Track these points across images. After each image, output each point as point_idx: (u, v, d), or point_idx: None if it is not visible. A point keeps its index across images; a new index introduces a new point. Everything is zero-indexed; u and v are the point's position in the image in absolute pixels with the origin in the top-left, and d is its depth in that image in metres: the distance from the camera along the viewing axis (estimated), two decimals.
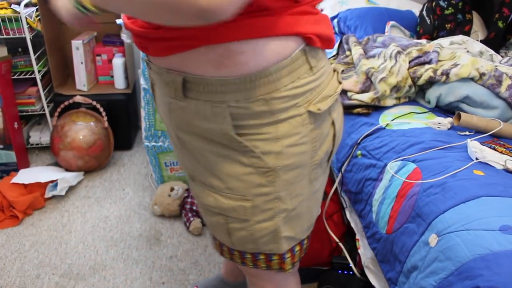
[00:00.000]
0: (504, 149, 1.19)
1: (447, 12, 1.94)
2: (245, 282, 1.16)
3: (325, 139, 0.86)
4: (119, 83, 2.38)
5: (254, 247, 0.89)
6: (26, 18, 2.07)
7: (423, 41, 1.76)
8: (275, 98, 0.75)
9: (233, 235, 0.89)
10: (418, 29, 2.07)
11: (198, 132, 0.79)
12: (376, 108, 1.53)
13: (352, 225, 1.46)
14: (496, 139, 1.28)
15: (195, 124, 0.78)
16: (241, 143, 0.77)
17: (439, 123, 1.35)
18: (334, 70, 0.87)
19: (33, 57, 2.14)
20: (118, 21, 1.96)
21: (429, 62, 1.52)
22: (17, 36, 2.11)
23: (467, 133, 1.32)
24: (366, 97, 1.51)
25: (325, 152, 0.87)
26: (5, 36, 2.11)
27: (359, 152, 1.38)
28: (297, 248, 0.95)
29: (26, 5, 2.13)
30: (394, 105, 1.53)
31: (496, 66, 1.46)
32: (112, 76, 2.42)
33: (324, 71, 0.81)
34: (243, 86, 0.73)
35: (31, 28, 2.14)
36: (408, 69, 1.52)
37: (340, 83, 0.86)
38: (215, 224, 0.89)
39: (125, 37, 2.01)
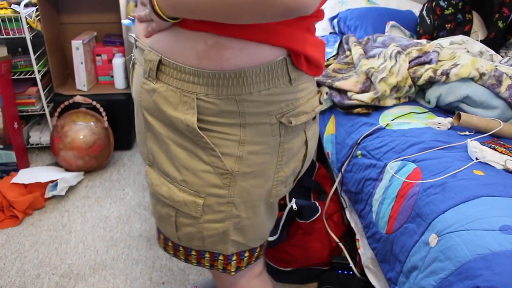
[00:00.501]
0: (504, 149, 1.19)
1: (447, 12, 1.94)
2: None
3: (294, 156, 0.84)
4: (119, 83, 2.38)
5: (201, 244, 0.88)
6: (26, 18, 2.07)
7: (423, 41, 1.76)
8: (246, 100, 0.74)
9: (180, 230, 0.87)
10: (418, 29, 2.07)
11: (164, 118, 0.79)
12: (376, 108, 1.53)
13: (352, 225, 1.46)
14: (496, 139, 1.28)
15: (162, 109, 0.78)
16: (203, 139, 0.76)
17: (439, 123, 1.35)
18: (319, 92, 0.87)
19: (33, 57, 2.14)
20: (125, 22, 1.93)
21: (429, 62, 1.52)
22: (17, 36, 2.11)
23: (467, 133, 1.32)
24: (366, 97, 1.51)
25: (292, 170, 0.86)
26: (5, 36, 2.11)
27: (359, 152, 1.38)
28: (246, 254, 0.94)
29: (26, 5, 2.13)
30: (394, 105, 1.53)
31: (496, 66, 1.46)
32: (112, 76, 2.42)
33: (305, 87, 0.80)
34: (216, 81, 0.73)
35: (31, 28, 2.14)
36: (408, 69, 1.52)
37: (321, 103, 0.85)
38: (164, 216, 0.88)
39: (132, 37, 1.99)
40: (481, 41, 1.85)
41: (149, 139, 0.85)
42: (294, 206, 1.50)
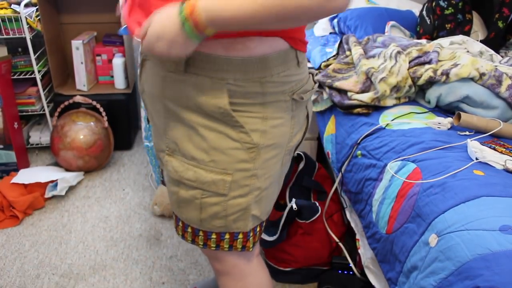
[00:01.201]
0: (504, 149, 1.19)
1: (447, 12, 1.94)
2: None
3: (300, 128, 0.97)
4: (119, 83, 2.38)
5: (223, 224, 0.93)
6: (26, 18, 2.07)
7: (423, 41, 1.76)
8: (268, 81, 0.84)
9: (204, 211, 0.92)
10: (418, 29, 2.07)
11: (191, 105, 0.85)
12: (376, 108, 1.53)
13: (352, 225, 1.46)
14: (496, 139, 1.28)
15: (191, 96, 0.84)
16: (233, 118, 0.84)
17: (439, 123, 1.35)
18: (310, 73, 1.00)
19: (33, 57, 2.14)
20: (121, 30, 1.92)
21: (429, 62, 1.52)
22: (17, 36, 2.11)
23: (467, 133, 1.32)
24: (366, 97, 1.51)
25: (298, 140, 0.97)
26: (5, 36, 2.11)
27: (359, 152, 1.38)
28: (258, 228, 1.01)
29: (26, 5, 2.13)
30: (394, 105, 1.53)
31: (496, 66, 1.46)
32: (112, 76, 2.42)
33: (306, 69, 0.95)
34: (244, 67, 0.82)
35: (31, 28, 2.14)
36: (408, 69, 1.52)
37: (315, 82, 0.99)
38: (189, 199, 0.92)
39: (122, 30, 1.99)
40: (481, 41, 1.85)
41: (170, 128, 0.90)
42: (294, 206, 1.50)
